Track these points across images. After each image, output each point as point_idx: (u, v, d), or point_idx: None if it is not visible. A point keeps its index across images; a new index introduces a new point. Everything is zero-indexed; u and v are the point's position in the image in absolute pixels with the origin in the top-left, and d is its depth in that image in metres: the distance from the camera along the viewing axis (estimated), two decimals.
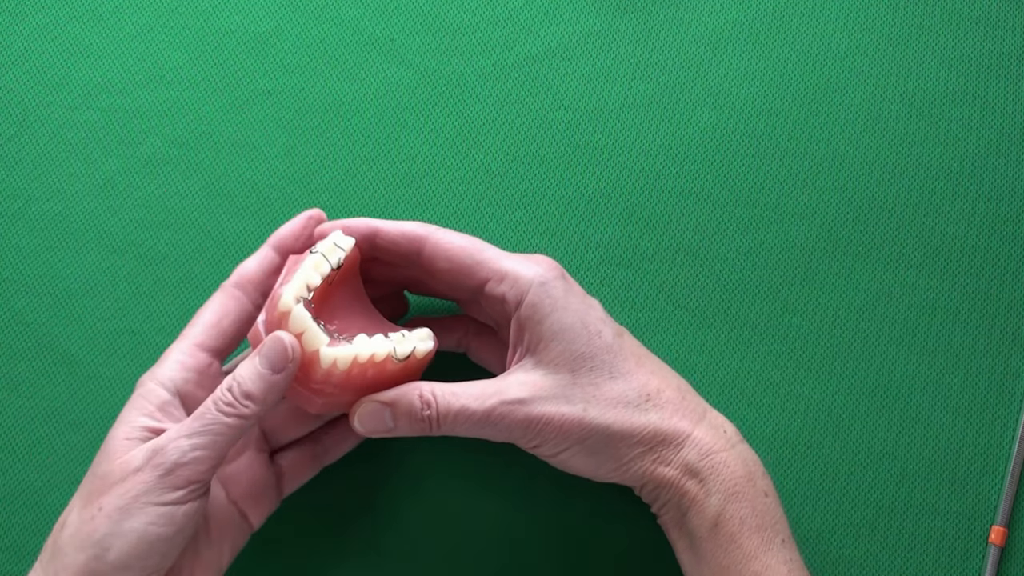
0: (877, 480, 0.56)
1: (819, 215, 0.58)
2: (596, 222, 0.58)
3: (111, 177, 0.58)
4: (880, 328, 0.57)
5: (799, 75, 0.60)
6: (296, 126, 0.59)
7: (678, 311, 0.58)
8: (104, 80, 0.59)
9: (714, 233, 0.58)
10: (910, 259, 0.58)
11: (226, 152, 0.58)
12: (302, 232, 0.50)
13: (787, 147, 0.59)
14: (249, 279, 0.50)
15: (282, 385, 0.45)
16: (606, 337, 0.47)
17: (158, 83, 0.59)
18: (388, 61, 0.59)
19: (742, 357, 0.57)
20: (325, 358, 0.45)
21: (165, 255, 0.58)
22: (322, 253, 0.47)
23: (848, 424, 0.56)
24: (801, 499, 0.56)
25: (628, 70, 0.60)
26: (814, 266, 0.58)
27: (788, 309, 0.58)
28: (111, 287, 0.57)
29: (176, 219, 0.58)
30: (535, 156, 0.59)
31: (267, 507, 0.51)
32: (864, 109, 0.59)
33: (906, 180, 0.59)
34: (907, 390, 0.57)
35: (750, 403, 0.57)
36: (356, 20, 0.59)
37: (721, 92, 0.59)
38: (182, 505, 0.44)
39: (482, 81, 0.59)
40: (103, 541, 0.43)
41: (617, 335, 0.48)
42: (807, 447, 0.56)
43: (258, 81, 0.59)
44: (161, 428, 0.46)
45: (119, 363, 0.56)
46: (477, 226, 0.59)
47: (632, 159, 0.59)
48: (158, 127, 0.59)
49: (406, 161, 0.59)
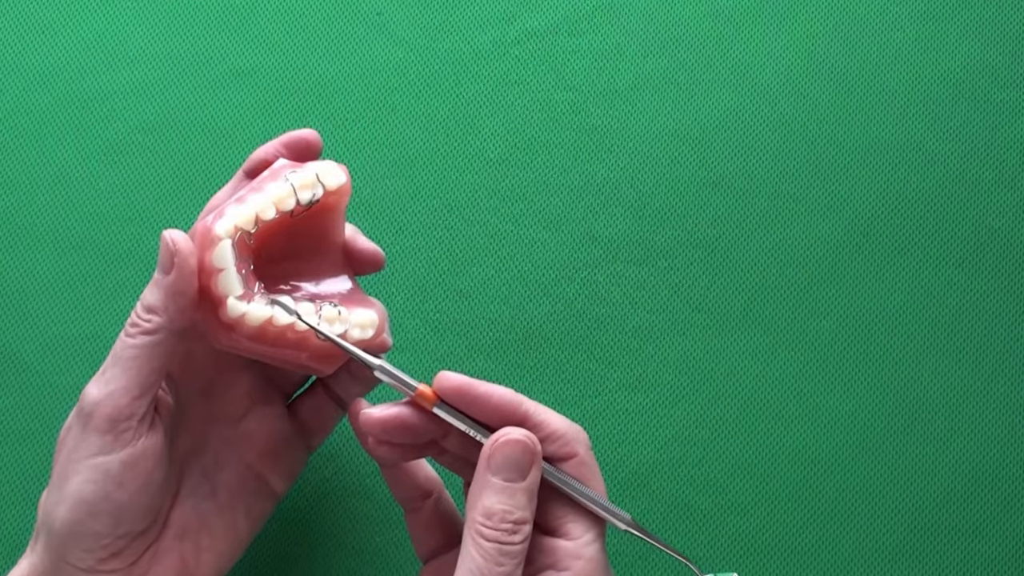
0: (914, 500, 0.56)
1: (851, 207, 0.59)
2: (605, 214, 0.59)
3: (67, 167, 0.59)
4: (918, 332, 0.58)
5: (829, 53, 0.60)
6: (274, 109, 0.59)
7: (695, 313, 0.58)
8: (60, 60, 0.60)
9: (735, 227, 0.59)
10: (952, 256, 0.58)
11: (197, 138, 0.59)
12: (279, 154, 0.49)
13: (816, 132, 0.60)
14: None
15: (179, 288, 0.44)
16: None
17: (121, 62, 0.60)
18: (376, 37, 0.60)
19: (765, 365, 0.57)
20: (232, 309, 0.45)
21: (128, 252, 0.58)
22: (293, 185, 0.46)
23: (882, 439, 0.57)
24: (830, 522, 0.56)
25: (640, 46, 0.61)
26: (845, 264, 0.58)
27: (816, 312, 0.58)
28: (68, 288, 0.57)
29: (140, 213, 0.58)
30: (537, 142, 0.59)
31: (290, 465, 0.50)
32: (901, 90, 0.60)
33: (947, 168, 0.59)
34: (948, 401, 0.57)
35: (774, 416, 0.57)
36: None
37: (743, 71, 0.60)
38: (115, 453, 0.43)
39: (479, 59, 0.60)
40: (51, 512, 0.44)
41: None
42: (837, 464, 0.56)
43: (232, 59, 0.60)
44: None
45: (75, 372, 0.56)
46: (473, 218, 0.59)
47: (644, 145, 0.59)
48: (120, 111, 0.59)
49: (395, 147, 0.59)
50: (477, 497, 0.43)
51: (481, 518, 0.43)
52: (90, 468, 0.43)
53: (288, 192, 0.46)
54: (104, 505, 0.43)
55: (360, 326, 0.47)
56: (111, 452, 0.43)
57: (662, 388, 0.57)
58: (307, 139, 0.49)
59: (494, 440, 0.44)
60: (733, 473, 0.56)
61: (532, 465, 0.44)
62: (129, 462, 0.43)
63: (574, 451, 0.45)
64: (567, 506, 0.45)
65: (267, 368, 0.51)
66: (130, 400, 0.43)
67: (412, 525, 0.49)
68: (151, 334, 0.44)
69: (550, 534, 0.45)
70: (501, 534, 0.43)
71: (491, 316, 0.58)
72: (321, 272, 0.49)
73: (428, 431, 0.46)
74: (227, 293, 0.44)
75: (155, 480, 0.45)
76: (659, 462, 0.56)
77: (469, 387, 0.45)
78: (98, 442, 0.43)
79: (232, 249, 0.44)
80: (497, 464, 0.43)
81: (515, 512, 0.43)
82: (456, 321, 0.58)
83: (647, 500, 0.56)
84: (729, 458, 0.56)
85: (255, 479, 0.49)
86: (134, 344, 0.44)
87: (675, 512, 0.56)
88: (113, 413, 0.43)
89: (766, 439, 0.56)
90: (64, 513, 0.43)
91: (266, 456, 0.49)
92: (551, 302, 0.58)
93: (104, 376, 0.44)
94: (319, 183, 0.46)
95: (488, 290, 0.58)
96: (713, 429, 0.57)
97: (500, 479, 0.43)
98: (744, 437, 0.57)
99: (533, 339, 0.57)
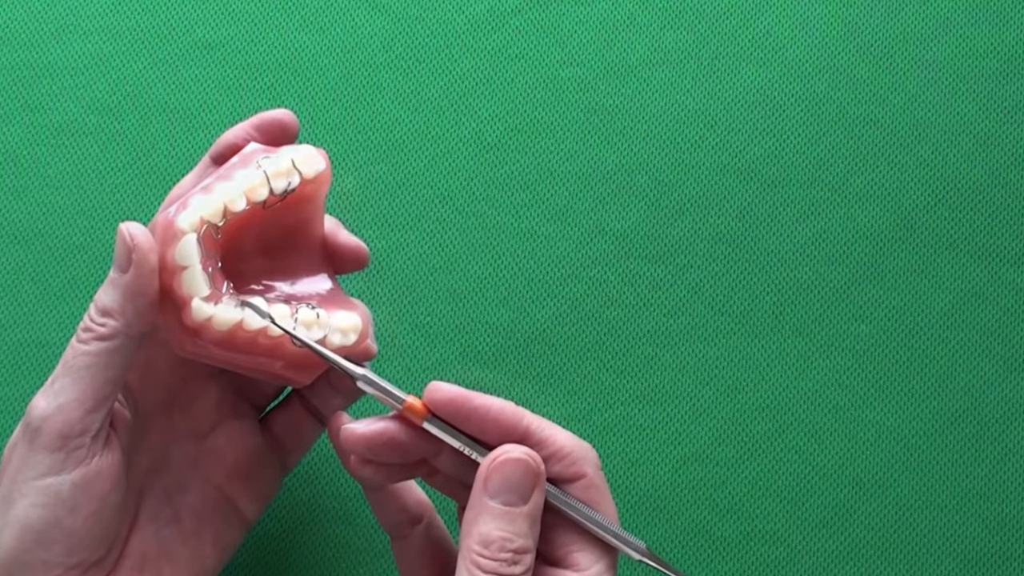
0: (965, 527, 0.56)
1: (894, 198, 0.58)
2: (616, 206, 0.58)
3: (13, 151, 0.58)
4: (969, 337, 0.57)
5: (869, 24, 0.60)
6: (244, 86, 0.59)
7: (719, 316, 0.57)
8: (3, 31, 0.59)
9: (763, 220, 0.58)
10: (1006, 252, 0.58)
11: (157, 118, 0.58)
12: (250, 138, 0.49)
13: (854, 113, 0.59)
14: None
15: (138, 288, 0.43)
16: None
17: (72, 34, 0.59)
18: (357, 5, 0.60)
19: (798, 374, 0.57)
20: (197, 312, 0.44)
21: (80, 246, 0.57)
22: (266, 172, 0.46)
23: (930, 457, 0.56)
24: (871, 548, 0.55)
25: (655, 16, 0.60)
26: (888, 261, 0.58)
27: (855, 314, 0.58)
28: (12, 287, 0.56)
29: (95, 202, 0.57)
30: (540, 123, 0.59)
31: (262, 487, 0.50)
32: (949, 66, 0.59)
33: (1001, 155, 0.59)
34: (1003, 415, 0.57)
35: (808, 431, 0.57)
36: None
37: (772, 44, 0.60)
38: (66, 473, 0.43)
39: (474, 30, 0.60)
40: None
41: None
42: (879, 485, 0.56)
43: (197, 32, 0.59)
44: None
45: (22, 381, 0.56)
46: (469, 210, 0.58)
47: (660, 127, 0.59)
48: (72, 88, 0.58)
49: (381, 130, 0.58)
50: (473, 523, 0.43)
51: (477, 546, 0.43)
52: (38, 491, 0.42)
53: (261, 180, 0.45)
54: (54, 532, 0.42)
55: (341, 331, 0.47)
56: (61, 472, 0.43)
57: (681, 401, 0.57)
58: (281, 120, 0.49)
59: (492, 459, 0.43)
60: (761, 497, 0.56)
61: (535, 487, 0.43)
62: (82, 484, 0.43)
63: (582, 471, 0.45)
64: (574, 533, 0.45)
65: (237, 378, 0.50)
66: (83, 414, 0.43)
67: (399, 554, 0.49)
68: (106, 339, 0.43)
69: (555, 564, 0.45)
70: (500, 564, 0.42)
71: (488, 320, 0.57)
72: (298, 270, 0.49)
73: (417, 449, 0.46)
74: (192, 294, 0.44)
75: (111, 503, 0.44)
76: (677, 484, 0.56)
77: (464, 399, 0.45)
78: (47, 461, 0.42)
79: (197, 244, 0.44)
80: (495, 486, 0.43)
81: (515, 540, 0.43)
82: (449, 325, 0.57)
83: (664, 526, 0.55)
84: (756, 480, 0.56)
85: (224, 502, 0.48)
86: (87, 351, 0.43)
87: (695, 540, 0.55)
88: (64, 429, 0.42)
89: (798, 458, 0.56)
90: (9, 541, 0.42)
91: (236, 477, 0.49)
92: (555, 304, 0.57)
93: (53, 387, 0.43)
94: (295, 170, 0.46)
95: (485, 291, 0.57)
96: (738, 447, 0.56)
97: (499, 503, 0.43)
98: (773, 456, 0.56)
99: (535, 345, 0.57)
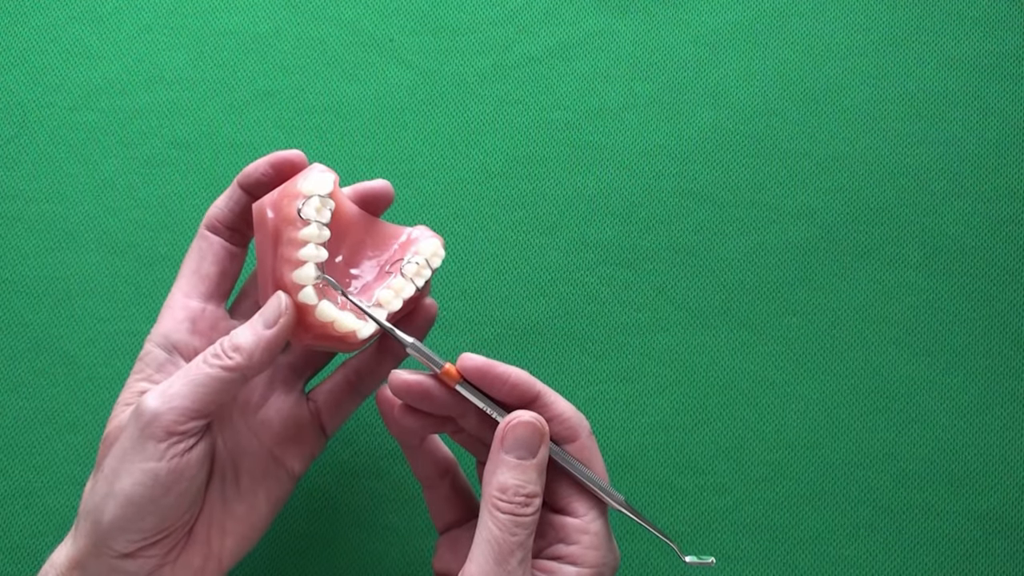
0: (876, 481, 0.55)
1: (819, 215, 0.58)
2: (595, 222, 0.58)
3: (111, 178, 0.58)
4: (880, 328, 0.57)
5: (799, 75, 0.59)
6: (295, 126, 0.58)
7: (678, 311, 0.57)
8: (104, 81, 0.59)
9: (714, 233, 0.58)
10: (910, 259, 0.57)
11: (226, 153, 0.58)
12: (267, 171, 0.48)
13: (787, 147, 0.58)
14: (219, 219, 0.49)
15: (273, 342, 0.44)
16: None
17: (158, 84, 0.59)
18: (387, 61, 0.59)
19: (742, 357, 0.57)
20: (337, 322, 0.45)
21: (165, 256, 0.57)
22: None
23: (848, 424, 0.56)
24: (800, 500, 0.55)
25: (627, 70, 0.59)
26: (814, 266, 0.57)
27: (788, 309, 0.57)
28: (111, 288, 0.56)
29: (175, 220, 0.57)
30: (534, 156, 0.59)
31: (307, 448, 0.49)
32: (864, 109, 0.59)
33: (906, 180, 0.58)
34: (907, 390, 0.56)
35: (750, 403, 0.56)
36: (355, 20, 0.59)
37: (721, 92, 0.59)
38: (165, 461, 0.43)
39: (481, 81, 0.59)
40: (100, 505, 0.43)
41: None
42: (807, 448, 0.56)
43: (257, 82, 0.59)
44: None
45: (119, 364, 0.56)
46: (477, 225, 0.58)
47: (632, 159, 0.59)
48: (158, 128, 0.58)
49: (405, 161, 0.58)
50: (492, 473, 0.43)
51: (497, 492, 0.43)
52: (142, 472, 0.42)
53: (315, 237, 0.45)
54: (150, 507, 0.43)
55: (437, 256, 0.48)
56: (162, 460, 0.43)
57: (647, 379, 0.56)
58: (292, 160, 0.48)
59: (507, 422, 0.44)
60: (712, 456, 0.55)
61: (541, 444, 0.44)
62: (177, 471, 0.43)
63: (576, 435, 0.46)
64: (573, 487, 0.45)
65: (287, 358, 0.50)
66: (189, 419, 0.43)
67: (431, 500, 0.49)
68: (229, 371, 0.43)
69: (558, 512, 0.46)
70: (515, 506, 0.43)
71: (493, 314, 0.57)
72: (363, 252, 0.48)
73: (447, 405, 0.46)
74: (329, 319, 0.44)
75: (198, 484, 0.45)
76: (645, 446, 0.55)
77: (489, 367, 0.45)
78: (152, 450, 0.42)
79: (312, 293, 0.44)
80: (510, 443, 0.44)
81: (527, 486, 0.43)
82: (461, 319, 0.57)
83: (634, 481, 0.55)
84: (709, 442, 0.56)
85: (274, 463, 0.48)
86: (209, 373, 0.43)
87: (659, 492, 0.55)
88: (171, 428, 0.43)
89: (742, 425, 0.56)
90: (114, 510, 0.42)
91: (285, 441, 0.49)
92: (547, 301, 0.57)
93: (171, 390, 0.43)
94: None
95: (490, 291, 0.57)
96: (694, 416, 0.56)
97: (513, 457, 0.44)
98: (722, 423, 0.56)
99: (531, 335, 0.57)
